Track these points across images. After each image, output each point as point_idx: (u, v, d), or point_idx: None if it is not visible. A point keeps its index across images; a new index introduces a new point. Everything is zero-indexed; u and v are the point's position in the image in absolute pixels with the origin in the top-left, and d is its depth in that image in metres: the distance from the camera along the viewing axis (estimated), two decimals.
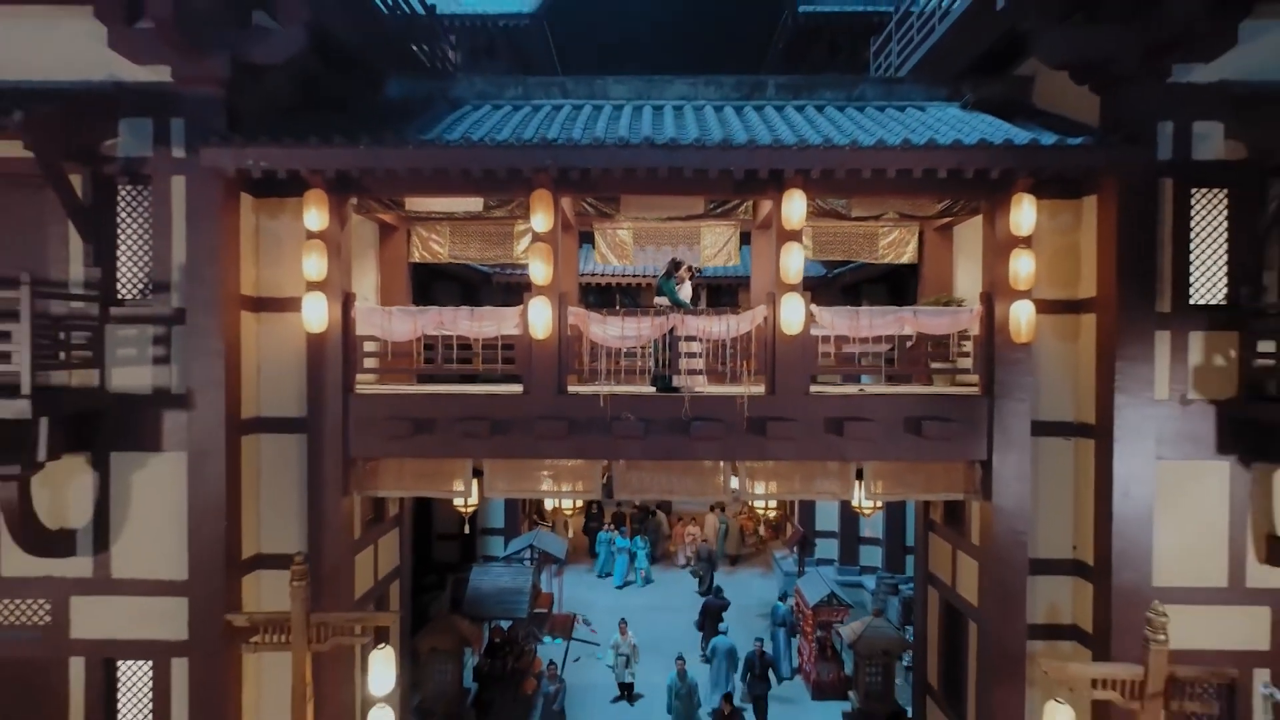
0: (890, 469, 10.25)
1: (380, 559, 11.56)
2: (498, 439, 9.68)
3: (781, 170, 8.94)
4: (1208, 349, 9.13)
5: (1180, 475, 9.15)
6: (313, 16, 9.08)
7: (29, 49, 9.12)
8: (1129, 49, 8.80)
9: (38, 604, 9.31)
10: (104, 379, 9.23)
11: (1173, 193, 9.08)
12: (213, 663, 9.20)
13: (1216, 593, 9.16)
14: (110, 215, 9.26)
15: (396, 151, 8.80)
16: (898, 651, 13.84)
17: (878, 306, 10.20)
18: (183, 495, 9.21)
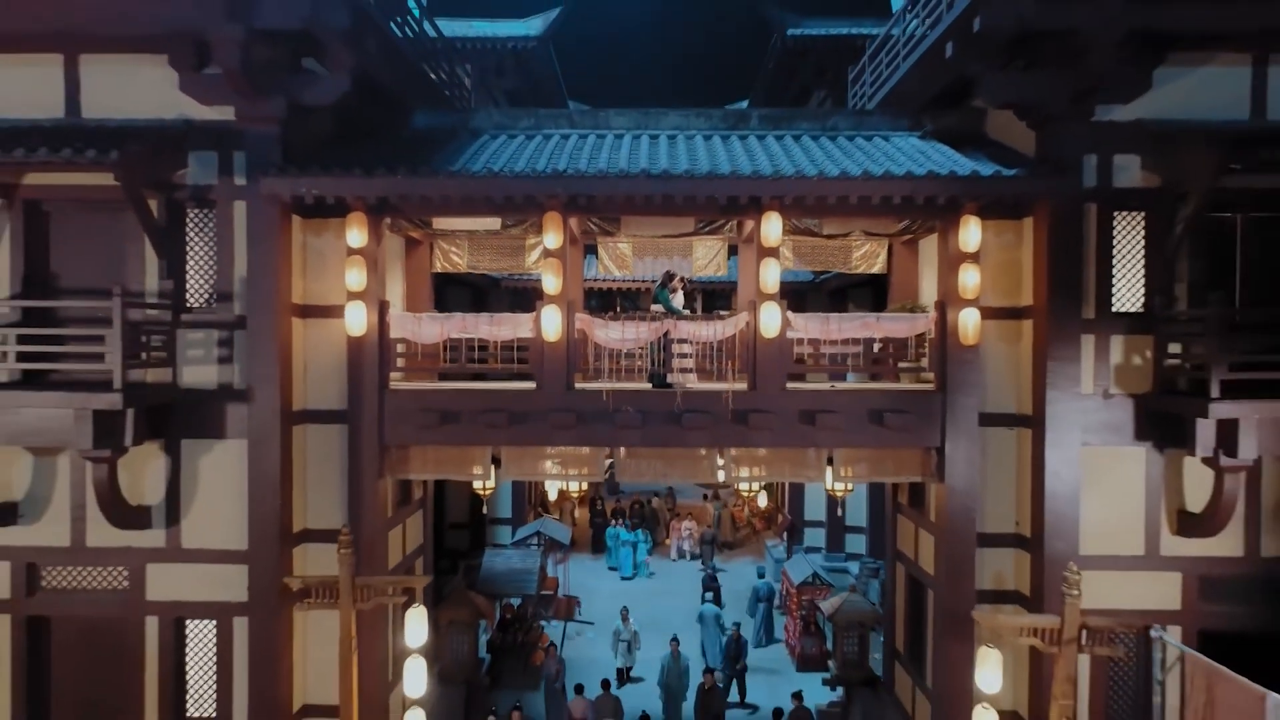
0: (857, 455, 11.68)
1: (408, 537, 13.03)
2: (514, 429, 11.14)
3: (759, 196, 10.40)
4: (1127, 350, 10.58)
5: (1103, 459, 10.60)
6: (356, 63, 10.53)
7: (114, 91, 10.57)
8: (1058, 92, 10.26)
9: (118, 570, 10.78)
10: (176, 376, 10.69)
11: (1097, 216, 10.53)
12: (269, 621, 10.64)
13: (1135, 560, 10.60)
14: (180, 235, 10.72)
15: (429, 181, 10.27)
16: (871, 623, 15.27)
17: (845, 313, 11.70)
18: (243, 477, 10.66)
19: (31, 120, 10.49)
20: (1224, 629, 10.51)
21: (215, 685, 10.85)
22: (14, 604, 10.73)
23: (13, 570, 10.73)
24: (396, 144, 11.86)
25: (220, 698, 10.81)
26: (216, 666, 10.85)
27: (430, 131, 12.50)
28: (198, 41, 10.12)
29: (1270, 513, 10.55)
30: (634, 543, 24.92)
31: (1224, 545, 10.46)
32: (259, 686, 10.66)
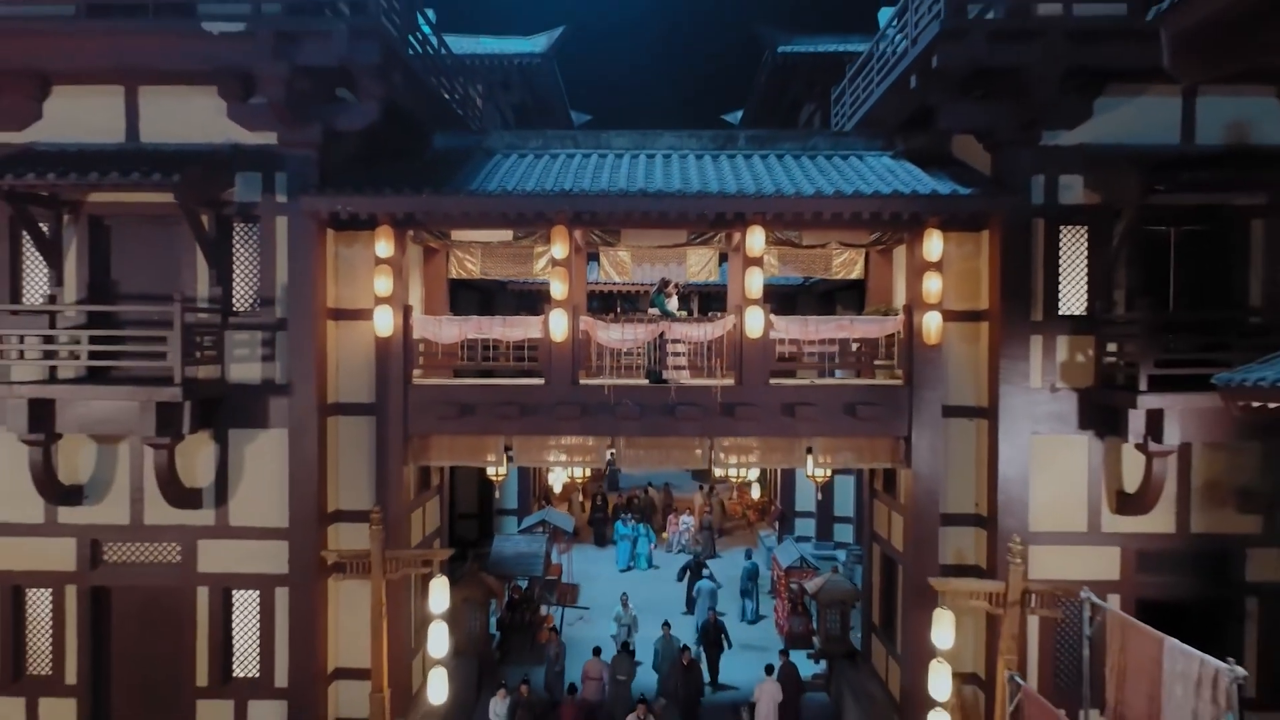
0: (834, 444, 12.96)
1: (426, 519, 14.36)
2: (525, 420, 12.44)
3: (743, 213, 11.71)
4: (1071, 349, 11.86)
5: (1050, 446, 11.89)
6: (384, 93, 11.81)
7: (169, 118, 11.85)
8: (1009, 120, 11.56)
9: (172, 546, 12.08)
10: (224, 372, 11.98)
11: (1044, 229, 11.82)
12: (307, 591, 11.94)
13: (1079, 536, 11.90)
14: (228, 246, 12.02)
15: (451, 199, 11.58)
16: (852, 601, 16.55)
17: (823, 316, 13.00)
18: (283, 462, 11.95)
19: (96, 144, 11.77)
20: (1159, 597, 11.80)
21: (258, 649, 12.14)
22: (79, 576, 12.03)
23: (78, 546, 12.01)
24: (419, 164, 13.16)
25: (263, 660, 12.10)
26: (260, 632, 12.14)
27: (449, 152, 13.80)
28: (244, 75, 11.42)
29: (1199, 493, 11.84)
30: (632, 536, 26.09)
31: (1157, 522, 11.76)
32: (298, 650, 11.97)
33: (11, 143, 11.84)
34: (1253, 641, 11.83)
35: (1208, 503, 11.84)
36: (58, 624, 12.09)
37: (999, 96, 11.54)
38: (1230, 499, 11.79)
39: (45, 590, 12.12)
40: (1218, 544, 11.83)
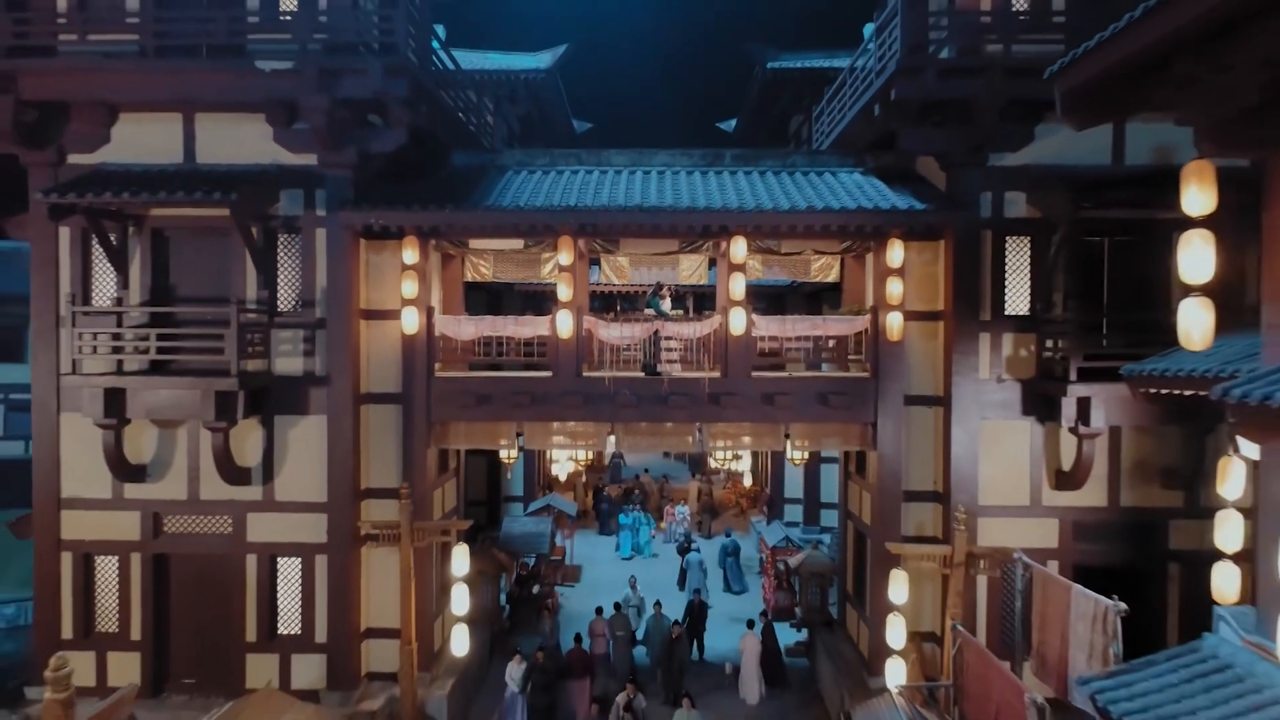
0: (809, 429, 14.58)
1: (445, 499, 15.97)
2: (535, 408, 14.07)
3: (727, 225, 13.32)
4: (1015, 345, 13.48)
5: (997, 430, 13.51)
6: (411, 120, 13.44)
7: (222, 142, 13.47)
8: (959, 144, 13.16)
9: (225, 518, 13.71)
10: (270, 365, 13.60)
11: (992, 240, 13.43)
12: (343, 559, 13.56)
13: (1022, 509, 13.51)
14: (273, 255, 13.64)
15: (469, 214, 13.20)
16: (829, 574, 18.18)
17: (799, 315, 14.62)
18: (323, 445, 13.59)
19: (158, 165, 13.40)
20: (1093, 563, 13.41)
21: (300, 609, 13.78)
22: (143, 545, 13.66)
23: (142, 518, 13.65)
24: (440, 181, 14.76)
25: (304, 619, 13.74)
26: (301, 594, 13.77)
27: (466, 169, 15.40)
28: (290, 105, 13.03)
29: (1128, 471, 13.46)
30: (634, 526, 27.63)
31: (1091, 497, 13.38)
32: (335, 610, 13.60)
33: (83, 164, 13.46)
34: (1174, 601, 13.46)
35: (1135, 480, 13.47)
36: (123, 587, 13.73)
37: (951, 123, 13.15)
38: (1155, 477, 13.41)
39: (112, 557, 13.75)
40: (1144, 516, 13.45)
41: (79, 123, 13.37)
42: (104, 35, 13.07)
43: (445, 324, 14.30)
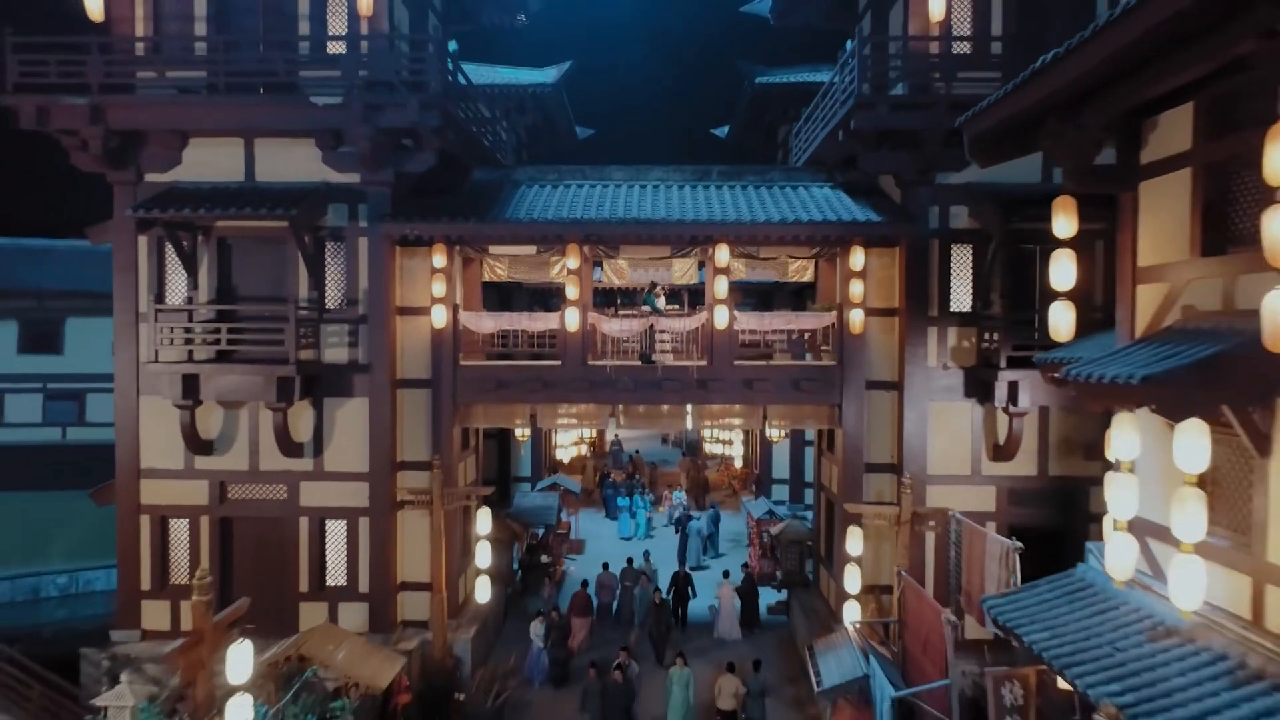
0: (783, 410, 16.83)
1: (467, 471, 18.23)
2: (546, 392, 16.32)
3: (711, 235, 15.55)
4: (958, 337, 15.70)
5: (943, 411, 15.73)
6: (439, 145, 15.64)
7: (277, 163, 15.67)
8: (910, 166, 15.36)
9: (281, 486, 15.96)
10: (319, 355, 15.83)
11: (939, 247, 15.63)
12: (383, 520, 15.82)
13: (965, 478, 15.74)
14: (322, 260, 15.87)
15: (491, 226, 15.44)
16: (806, 541, 20.46)
17: (775, 312, 16.84)
18: (365, 423, 15.83)
19: (223, 183, 15.59)
20: (1025, 525, 15.62)
21: (346, 564, 16.04)
22: (211, 509, 15.92)
23: (210, 486, 15.91)
24: (463, 195, 16.99)
25: (349, 572, 16.00)
26: (347, 551, 16.03)
27: (485, 184, 17.62)
28: (336, 133, 15.24)
29: (1055, 445, 15.69)
30: (630, 508, 29.80)
31: (1022, 467, 15.61)
32: (376, 565, 15.86)
33: (158, 181, 15.67)
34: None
35: (1061, 452, 15.70)
36: (193, 546, 16.00)
37: (903, 148, 15.35)
38: (1078, 449, 15.65)
39: (184, 520, 16.01)
40: (1069, 484, 15.68)
41: (155, 147, 15.57)
42: (177, 73, 15.27)
43: (469, 319, 16.54)
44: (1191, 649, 7.84)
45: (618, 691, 14.90)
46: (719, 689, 14.80)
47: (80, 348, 34.73)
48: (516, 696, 16.15)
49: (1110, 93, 8.61)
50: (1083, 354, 11.70)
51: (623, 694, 14.97)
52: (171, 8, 15.63)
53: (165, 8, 15.63)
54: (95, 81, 14.82)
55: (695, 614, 20.20)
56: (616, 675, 15.00)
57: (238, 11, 15.72)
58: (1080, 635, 8.76)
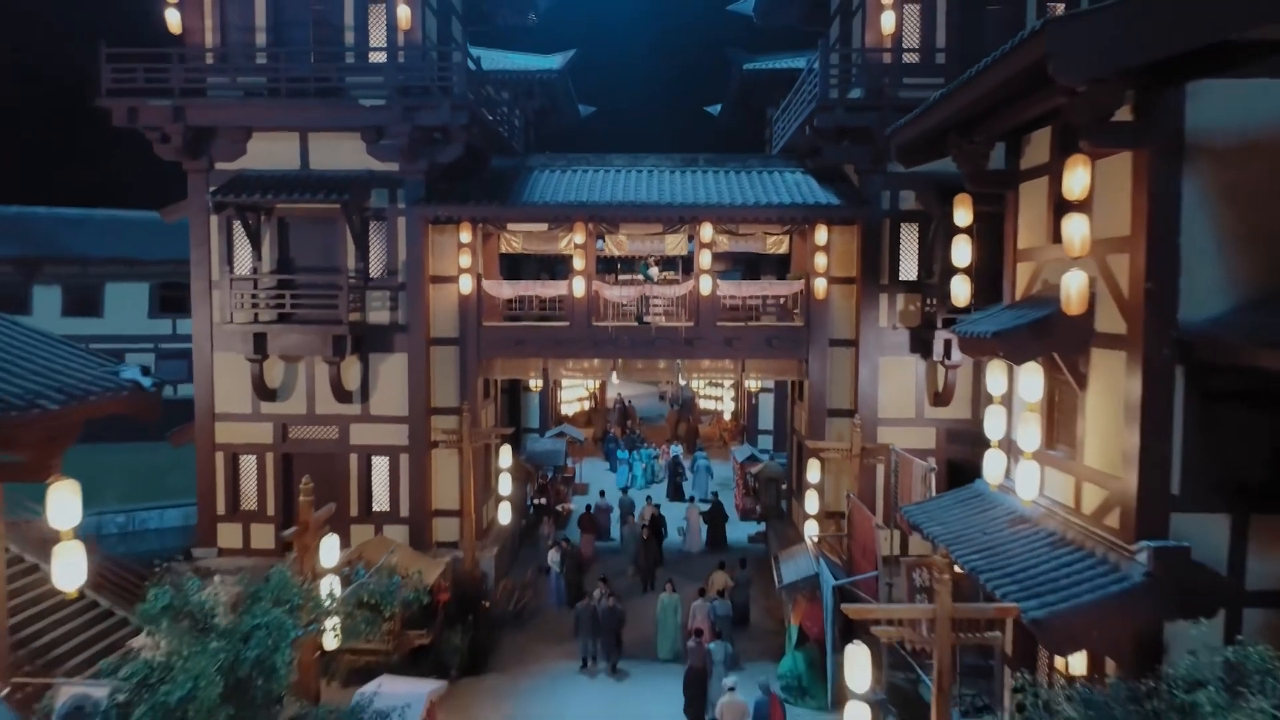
0: (759, 364, 19.74)
1: (488, 416, 21.20)
2: (556, 348, 19.24)
3: (695, 216, 18.37)
4: (905, 302, 18.56)
5: (892, 365, 18.63)
6: (466, 139, 18.39)
7: (328, 154, 18.43)
8: (865, 157, 18.13)
9: (333, 427, 18.93)
10: (365, 317, 18.71)
11: (890, 226, 18.44)
12: (420, 456, 18.80)
13: (910, 420, 18.68)
14: (366, 236, 18.69)
15: (511, 208, 18.27)
16: (781, 479, 23.48)
17: (753, 280, 19.70)
18: (404, 374, 18.75)
19: (282, 171, 18.35)
20: (961, 459, 18.54)
21: (389, 493, 19.05)
22: (275, 447, 18.90)
23: (273, 428, 18.87)
24: (484, 180, 19.77)
25: (392, 499, 19.02)
26: (389, 482, 19.03)
27: (502, 170, 20.39)
28: (379, 129, 17.99)
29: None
30: (629, 461, 32.73)
31: (958, 411, 18.53)
32: (414, 493, 18.87)
33: (227, 169, 18.41)
34: None
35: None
36: (260, 477, 19.00)
37: (859, 142, 18.10)
38: None
39: (252, 456, 19.00)
40: None
41: (224, 140, 18.32)
42: (243, 78, 18.01)
43: (490, 286, 19.41)
44: (1034, 530, 10.82)
45: (608, 616, 16.88)
46: (711, 581, 17.97)
47: (118, 311, 37.66)
48: (532, 604, 19.30)
49: (985, 121, 11.38)
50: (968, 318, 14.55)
51: (612, 618, 16.96)
52: (236, 20, 18.29)
53: (231, 20, 18.29)
54: (176, 86, 17.55)
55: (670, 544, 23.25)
56: (609, 602, 17.79)
57: (292, 24, 18.38)
58: (962, 527, 11.75)
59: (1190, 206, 8.96)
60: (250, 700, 8.64)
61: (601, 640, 16.76)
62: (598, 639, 16.78)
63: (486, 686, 16.05)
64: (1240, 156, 8.95)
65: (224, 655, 8.33)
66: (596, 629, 16.79)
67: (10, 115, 43.26)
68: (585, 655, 16.91)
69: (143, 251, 38.21)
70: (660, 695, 15.33)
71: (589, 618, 16.87)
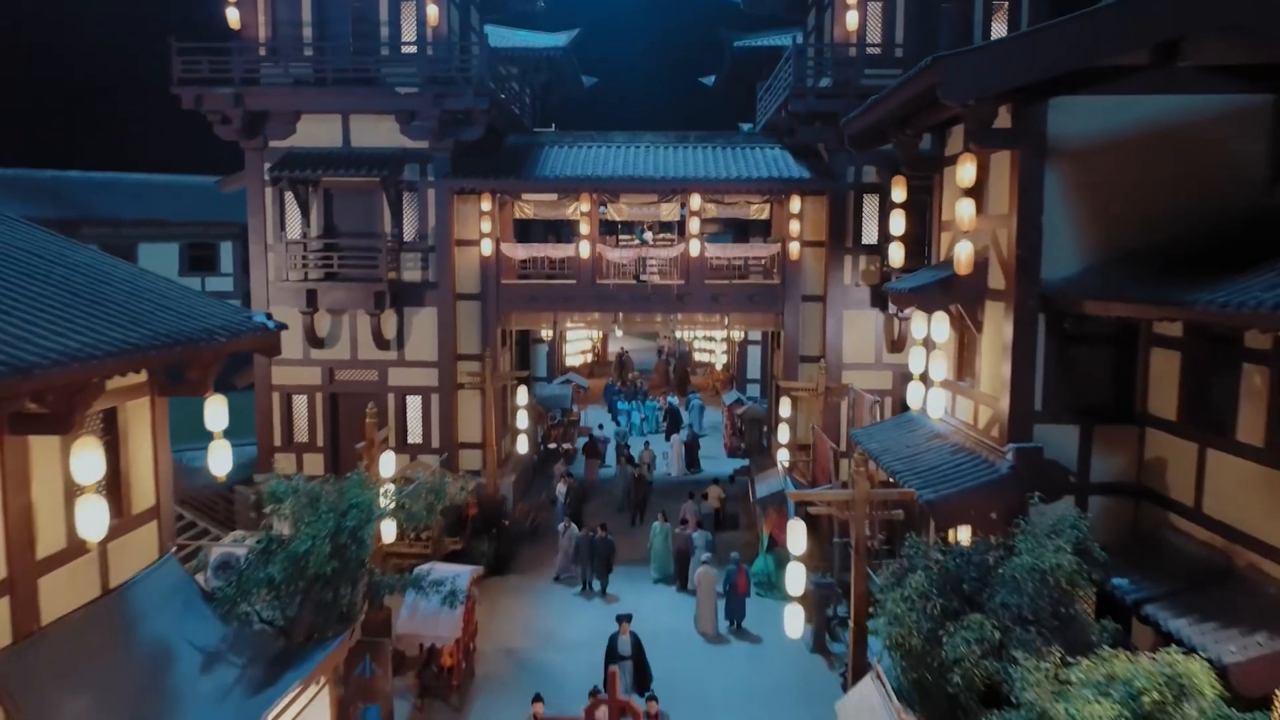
0: (741, 317, 22.74)
1: (506, 363, 24.22)
2: (565, 302, 22.22)
3: (685, 188, 21.24)
4: (867, 263, 21.46)
5: (855, 317, 21.61)
6: (487, 120, 21.18)
7: (367, 133, 21.22)
8: (833, 137, 20.85)
9: (374, 371, 21.96)
10: (399, 275, 21.64)
11: (854, 196, 21.31)
12: (448, 396, 21.84)
13: (870, 365, 21.70)
14: (400, 205, 21.53)
15: (526, 182, 21.14)
16: (763, 419, 26.58)
17: (736, 243, 22.61)
18: (434, 325, 21.73)
19: (327, 149, 21.16)
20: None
21: (422, 428, 22.13)
22: (323, 388, 21.94)
23: (322, 371, 21.89)
24: (501, 155, 22.60)
25: (424, 433, 22.10)
26: (422, 418, 22.10)
27: (517, 146, 23.20)
28: (411, 112, 20.77)
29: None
30: (627, 411, 35.79)
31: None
32: (444, 428, 21.95)
33: (279, 147, 21.22)
34: None
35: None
36: (310, 414, 22.07)
37: (828, 124, 20.85)
38: None
39: (303, 395, 22.05)
40: None
41: (276, 122, 21.11)
42: (293, 67, 20.77)
43: (507, 249, 22.32)
44: (943, 442, 13.86)
45: (602, 545, 19.08)
46: (708, 493, 21.38)
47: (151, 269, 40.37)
48: (544, 524, 22.50)
49: (913, 118, 14.16)
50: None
51: (604, 546, 19.15)
52: (285, 16, 20.98)
53: (280, 16, 20.98)
54: (236, 75, 20.31)
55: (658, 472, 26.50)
56: (603, 535, 19.66)
57: (334, 19, 21.06)
58: (892, 443, 14.81)
59: (1051, 193, 11.85)
60: (347, 561, 11.74)
61: (595, 566, 19.12)
62: (593, 565, 19.09)
63: (509, 584, 19.30)
64: (1088, 156, 11.82)
65: (330, 523, 11.43)
66: (593, 556, 19.08)
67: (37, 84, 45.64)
68: (584, 580, 19.32)
69: (171, 213, 40.90)
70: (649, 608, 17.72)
71: (587, 547, 19.16)
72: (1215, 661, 8.48)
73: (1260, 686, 8.58)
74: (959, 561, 10.30)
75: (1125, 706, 7.31)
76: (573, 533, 19.60)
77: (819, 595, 15.86)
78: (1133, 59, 10.79)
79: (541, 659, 16.01)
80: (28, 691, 8.44)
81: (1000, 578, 9.78)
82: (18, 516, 8.70)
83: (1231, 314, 8.28)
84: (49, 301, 8.82)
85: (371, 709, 11.77)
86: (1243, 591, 9.80)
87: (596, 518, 21.49)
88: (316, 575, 11.18)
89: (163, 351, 9.11)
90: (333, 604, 11.66)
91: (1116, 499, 12.17)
